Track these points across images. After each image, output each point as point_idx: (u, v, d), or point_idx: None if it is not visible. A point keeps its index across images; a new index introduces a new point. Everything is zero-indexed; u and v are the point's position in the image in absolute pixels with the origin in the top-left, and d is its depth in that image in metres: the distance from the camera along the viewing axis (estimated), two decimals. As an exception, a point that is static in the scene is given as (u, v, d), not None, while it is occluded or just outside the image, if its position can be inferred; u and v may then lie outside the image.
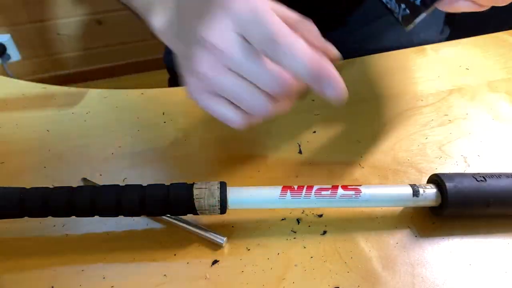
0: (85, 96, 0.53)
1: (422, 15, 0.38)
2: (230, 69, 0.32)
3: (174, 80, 0.81)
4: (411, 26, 0.40)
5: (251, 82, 0.32)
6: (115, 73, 1.70)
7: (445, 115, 0.49)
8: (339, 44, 0.66)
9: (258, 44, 0.31)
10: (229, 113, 0.34)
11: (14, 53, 1.53)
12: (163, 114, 0.50)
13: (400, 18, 0.40)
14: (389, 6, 0.40)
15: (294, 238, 0.38)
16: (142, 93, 0.53)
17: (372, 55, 0.57)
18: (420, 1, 0.38)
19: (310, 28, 0.33)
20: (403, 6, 0.39)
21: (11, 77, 1.49)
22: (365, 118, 0.49)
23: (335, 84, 0.31)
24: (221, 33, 0.31)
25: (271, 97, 0.33)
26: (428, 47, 0.60)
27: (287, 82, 0.32)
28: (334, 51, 0.34)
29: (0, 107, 0.51)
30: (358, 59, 0.57)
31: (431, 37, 0.69)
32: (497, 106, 0.50)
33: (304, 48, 0.30)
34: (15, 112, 0.51)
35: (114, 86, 0.64)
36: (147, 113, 0.50)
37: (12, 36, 1.49)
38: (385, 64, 0.57)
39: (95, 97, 0.53)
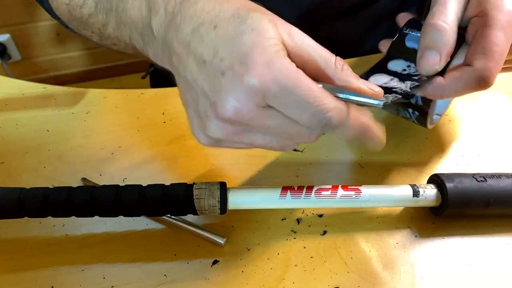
0: (85, 96, 0.53)
1: (433, 108, 0.39)
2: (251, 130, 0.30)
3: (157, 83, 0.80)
4: (430, 125, 0.42)
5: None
6: (115, 73, 1.69)
7: (445, 115, 0.49)
8: (341, 42, 0.65)
9: (289, 113, 0.28)
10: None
11: (14, 53, 1.52)
12: (163, 114, 0.50)
13: (415, 122, 0.41)
14: (401, 115, 0.42)
15: (294, 238, 0.38)
16: (142, 93, 0.53)
17: (371, 55, 0.57)
18: (421, 99, 0.39)
19: (341, 66, 0.30)
20: (410, 110, 0.40)
21: (11, 77, 1.48)
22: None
23: (376, 140, 0.31)
24: (247, 112, 0.28)
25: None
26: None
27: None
28: (375, 89, 0.31)
29: (0, 107, 0.51)
30: (358, 58, 0.57)
31: None
32: (497, 106, 0.50)
33: (341, 115, 0.28)
34: (15, 112, 0.51)
35: (114, 86, 0.63)
36: (147, 113, 0.50)
37: (12, 36, 1.49)
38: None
39: (95, 97, 0.53)
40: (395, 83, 0.35)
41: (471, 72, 0.34)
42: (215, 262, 0.36)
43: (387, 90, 0.35)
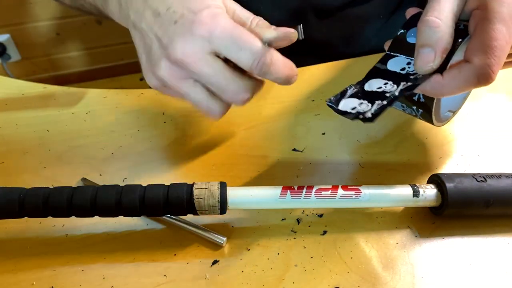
0: (85, 96, 0.53)
1: (437, 105, 0.38)
2: (194, 80, 0.36)
3: None
4: (438, 122, 0.41)
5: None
6: (115, 73, 1.69)
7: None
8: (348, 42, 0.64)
9: (236, 60, 0.35)
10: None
11: (14, 53, 1.53)
12: (163, 114, 0.50)
13: (420, 118, 0.41)
14: (407, 112, 0.41)
15: (294, 238, 0.38)
16: (142, 93, 0.53)
17: (371, 55, 0.57)
18: (423, 96, 0.38)
19: (255, 22, 0.38)
20: (414, 107, 0.40)
21: (11, 77, 1.49)
22: (365, 118, 0.49)
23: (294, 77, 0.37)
24: (193, 54, 0.34)
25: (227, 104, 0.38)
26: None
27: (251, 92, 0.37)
28: (292, 35, 0.37)
29: (0, 107, 0.51)
30: (357, 58, 0.57)
31: None
32: (497, 106, 0.50)
33: (271, 57, 0.35)
34: (15, 112, 0.51)
35: (114, 86, 0.64)
36: (147, 113, 0.50)
37: (12, 36, 1.49)
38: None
39: (95, 97, 0.53)
40: (389, 87, 0.35)
41: (470, 69, 0.33)
42: (215, 262, 0.36)
43: (379, 96, 0.34)
